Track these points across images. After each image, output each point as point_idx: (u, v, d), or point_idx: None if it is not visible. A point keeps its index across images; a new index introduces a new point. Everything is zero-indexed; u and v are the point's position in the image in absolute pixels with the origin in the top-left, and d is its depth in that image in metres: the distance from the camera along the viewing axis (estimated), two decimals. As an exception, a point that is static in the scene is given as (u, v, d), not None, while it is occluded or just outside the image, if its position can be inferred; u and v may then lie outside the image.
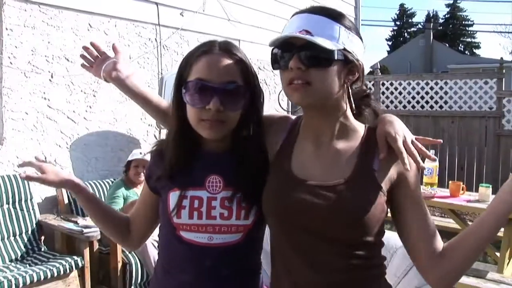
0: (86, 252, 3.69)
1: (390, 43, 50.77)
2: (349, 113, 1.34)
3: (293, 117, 1.46)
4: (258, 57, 6.30)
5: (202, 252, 1.36)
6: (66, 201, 4.24)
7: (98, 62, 1.72)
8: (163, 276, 1.45)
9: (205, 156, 1.40)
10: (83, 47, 1.74)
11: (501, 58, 8.09)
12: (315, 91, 1.22)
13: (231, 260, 1.38)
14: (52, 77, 4.26)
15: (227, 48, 1.34)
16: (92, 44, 1.73)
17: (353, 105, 1.34)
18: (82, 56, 1.74)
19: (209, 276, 1.37)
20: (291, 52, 1.21)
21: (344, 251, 1.25)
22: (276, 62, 1.28)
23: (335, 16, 1.25)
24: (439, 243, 1.27)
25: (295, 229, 1.27)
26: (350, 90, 1.31)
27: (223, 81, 1.29)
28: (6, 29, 3.94)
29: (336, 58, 1.21)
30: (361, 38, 1.30)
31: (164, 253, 1.47)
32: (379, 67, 10.33)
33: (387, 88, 8.60)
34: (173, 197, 1.37)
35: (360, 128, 1.35)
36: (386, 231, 1.35)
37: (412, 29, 50.69)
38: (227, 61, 1.31)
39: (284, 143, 1.38)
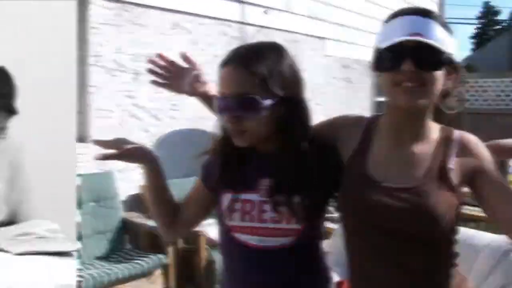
0: (170, 250, 3.68)
1: (474, 40, 48.98)
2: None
3: (368, 116, 1.47)
4: (343, 55, 6.16)
5: (255, 254, 1.39)
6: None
7: (176, 75, 1.60)
8: (225, 272, 1.51)
9: (258, 158, 1.42)
10: (148, 60, 1.61)
11: None
12: (426, 93, 1.24)
13: (285, 263, 1.40)
14: (136, 75, 4.25)
15: (242, 59, 1.33)
16: (160, 56, 1.61)
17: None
18: (151, 71, 1.60)
19: (264, 278, 1.40)
20: (402, 54, 1.20)
21: (423, 251, 1.28)
22: (381, 63, 1.27)
23: (438, 18, 1.26)
24: None
25: (373, 230, 1.29)
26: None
27: (232, 94, 1.31)
28: (92, 28, 3.98)
29: (444, 61, 1.24)
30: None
31: (222, 251, 1.51)
32: (464, 65, 10.16)
33: (472, 86, 8.51)
34: (226, 199, 1.41)
35: (434, 128, 1.36)
36: (470, 229, 1.36)
37: (497, 26, 48.72)
38: (239, 73, 1.31)
39: (360, 143, 1.39)
